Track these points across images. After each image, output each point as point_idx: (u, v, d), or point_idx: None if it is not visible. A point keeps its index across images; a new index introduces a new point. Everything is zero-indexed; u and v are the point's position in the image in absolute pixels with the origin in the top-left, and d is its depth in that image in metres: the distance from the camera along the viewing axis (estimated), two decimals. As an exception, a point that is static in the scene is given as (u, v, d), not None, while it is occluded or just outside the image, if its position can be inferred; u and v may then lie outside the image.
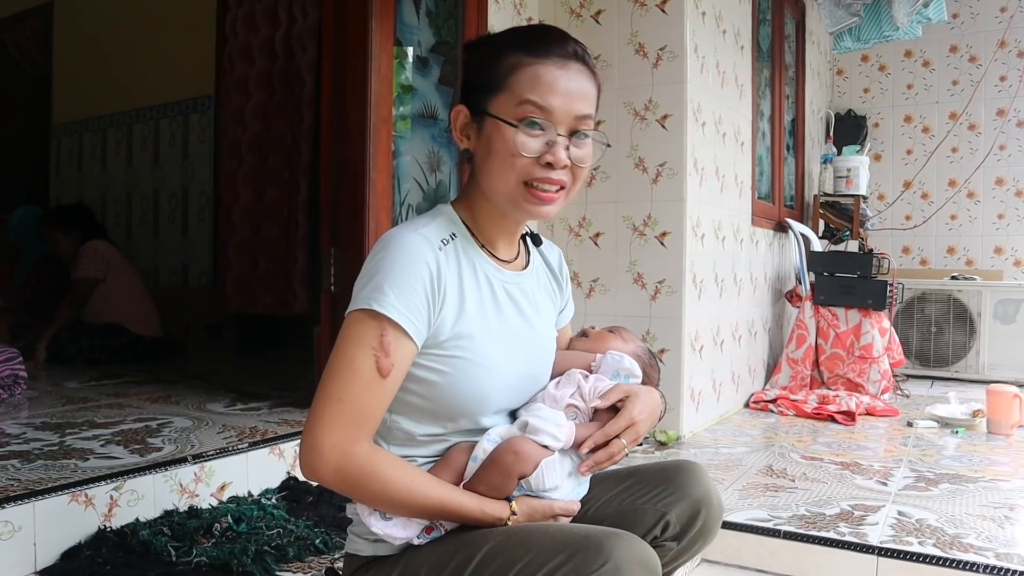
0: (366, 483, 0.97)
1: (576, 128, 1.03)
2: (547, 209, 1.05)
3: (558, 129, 1.02)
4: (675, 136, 2.77)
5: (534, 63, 1.02)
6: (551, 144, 1.02)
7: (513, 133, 1.01)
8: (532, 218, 1.08)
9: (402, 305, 0.97)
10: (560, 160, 1.02)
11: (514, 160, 1.02)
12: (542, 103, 1.01)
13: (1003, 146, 4.80)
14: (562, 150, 1.02)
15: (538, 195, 1.03)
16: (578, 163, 1.04)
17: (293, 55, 4.23)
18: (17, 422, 2.33)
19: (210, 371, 3.58)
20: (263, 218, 4.23)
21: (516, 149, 1.01)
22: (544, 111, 1.01)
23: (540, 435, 1.04)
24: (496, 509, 1.02)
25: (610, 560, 0.87)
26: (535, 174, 1.02)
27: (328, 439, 0.95)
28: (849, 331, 3.70)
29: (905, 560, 1.69)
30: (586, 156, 1.06)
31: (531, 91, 1.01)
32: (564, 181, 1.04)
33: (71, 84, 5.59)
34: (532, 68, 1.02)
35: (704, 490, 1.15)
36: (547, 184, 1.03)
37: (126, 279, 3.97)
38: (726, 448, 2.68)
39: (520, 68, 1.02)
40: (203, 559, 1.55)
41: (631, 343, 1.28)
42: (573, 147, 1.04)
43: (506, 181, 1.03)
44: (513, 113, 1.02)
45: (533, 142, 1.02)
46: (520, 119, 1.01)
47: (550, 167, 1.02)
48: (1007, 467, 2.48)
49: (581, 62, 1.05)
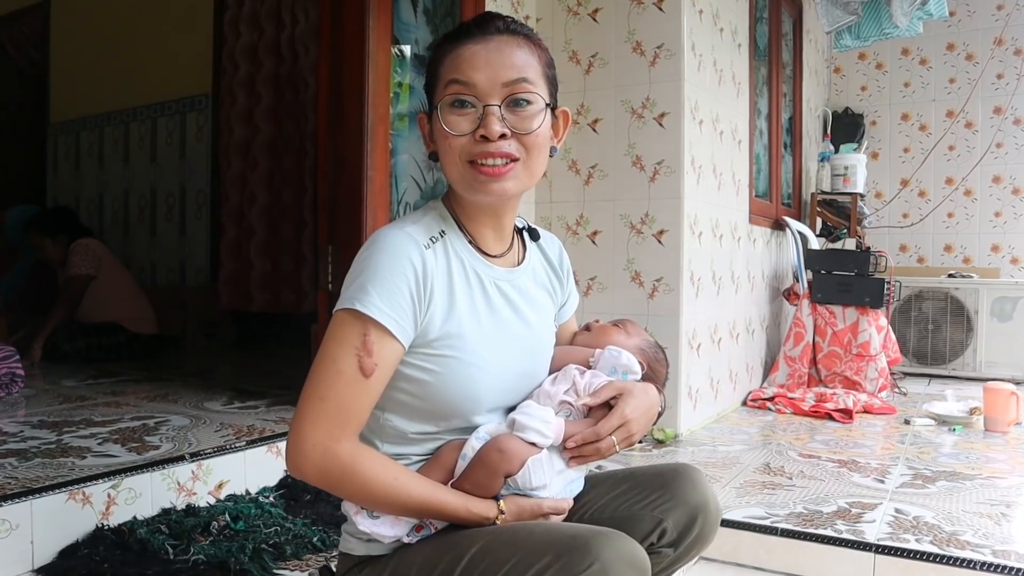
0: (348, 481, 0.97)
1: (510, 95, 1.01)
2: (499, 185, 1.02)
3: (487, 101, 1.01)
4: (672, 134, 2.77)
5: (455, 47, 1.03)
6: (482, 117, 1.01)
7: (444, 115, 1.02)
8: (490, 197, 1.05)
9: (385, 305, 0.97)
10: (493, 131, 1.00)
11: (450, 143, 1.02)
12: (463, 78, 1.01)
13: (1000, 144, 4.81)
14: (495, 121, 1.00)
15: (483, 171, 1.02)
16: (520, 131, 1.02)
17: (297, 56, 4.24)
18: (14, 420, 2.33)
19: (207, 369, 3.58)
20: (273, 217, 4.27)
21: (447, 130, 1.01)
22: (467, 86, 1.01)
23: (527, 432, 1.03)
24: (482, 508, 1.01)
25: (597, 561, 0.87)
26: (473, 151, 1.01)
27: (311, 437, 0.96)
28: (846, 329, 3.71)
29: (902, 557, 1.69)
30: (528, 123, 1.03)
31: (453, 71, 1.02)
32: (511, 152, 1.02)
33: (68, 82, 5.58)
34: (453, 51, 1.03)
35: (702, 496, 1.13)
36: (488, 158, 1.01)
37: (118, 277, 3.96)
38: (724, 446, 2.69)
39: (444, 55, 1.04)
40: (200, 557, 1.55)
41: (636, 337, 1.25)
42: (510, 115, 1.02)
43: (452, 166, 1.03)
44: (443, 95, 1.02)
45: (462, 120, 1.01)
46: (450, 98, 1.01)
47: (486, 140, 1.00)
48: (1004, 464, 2.48)
49: (508, 33, 1.04)
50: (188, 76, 4.85)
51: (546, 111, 1.05)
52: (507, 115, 1.01)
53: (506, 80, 1.01)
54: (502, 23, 1.04)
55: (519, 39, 1.04)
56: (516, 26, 1.05)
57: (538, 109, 1.04)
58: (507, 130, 1.01)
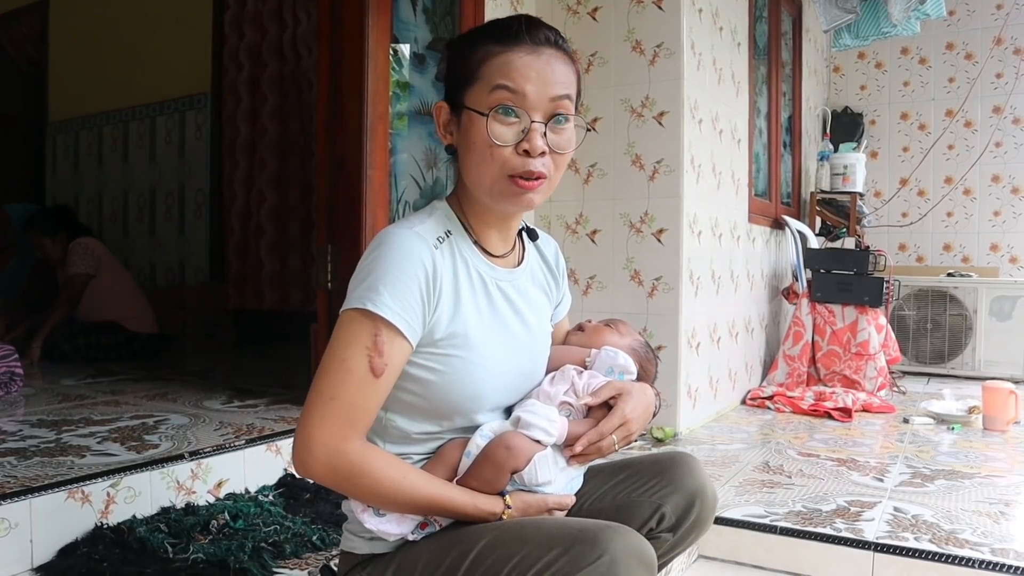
0: (357, 480, 0.97)
1: (553, 112, 1.02)
2: (529, 198, 1.03)
3: (533, 115, 1.00)
4: (672, 133, 2.77)
5: (504, 51, 1.01)
6: (526, 131, 1.00)
7: (487, 122, 1.00)
8: (516, 209, 1.06)
9: (396, 304, 0.97)
10: (536, 147, 1.00)
11: (491, 151, 1.00)
12: (514, 87, 0.99)
13: (999, 143, 4.81)
14: (538, 137, 1.00)
15: (520, 184, 1.01)
16: (557, 149, 1.02)
17: (300, 56, 4.24)
18: (13, 419, 2.33)
19: (207, 368, 3.58)
20: (280, 217, 4.29)
21: (491, 139, 1.00)
22: (516, 95, 1.00)
23: (532, 430, 1.04)
24: (489, 504, 1.02)
25: (606, 553, 0.88)
26: (514, 163, 1.01)
27: (320, 437, 0.95)
28: (846, 328, 3.71)
29: (901, 556, 1.70)
30: (566, 142, 1.04)
31: (502, 76, 1.00)
32: (544, 171, 1.02)
33: (67, 81, 5.58)
34: (503, 56, 1.01)
35: (698, 481, 1.15)
36: (528, 174, 1.01)
37: (117, 275, 3.96)
38: (723, 445, 2.69)
39: (491, 57, 1.02)
40: (200, 556, 1.55)
41: (628, 337, 1.27)
42: (551, 133, 1.02)
43: (487, 174, 1.02)
44: (487, 102, 1.01)
45: (507, 131, 1.00)
46: (493, 106, 1.00)
47: (527, 155, 1.00)
48: (1003, 463, 2.48)
49: (554, 47, 1.03)
50: (187, 75, 4.84)
51: (577, 130, 1.06)
52: (548, 132, 1.02)
53: (554, 95, 1.01)
54: (552, 34, 1.04)
55: (564, 55, 1.04)
56: (561, 40, 1.05)
57: (573, 128, 1.05)
58: (546, 147, 1.01)
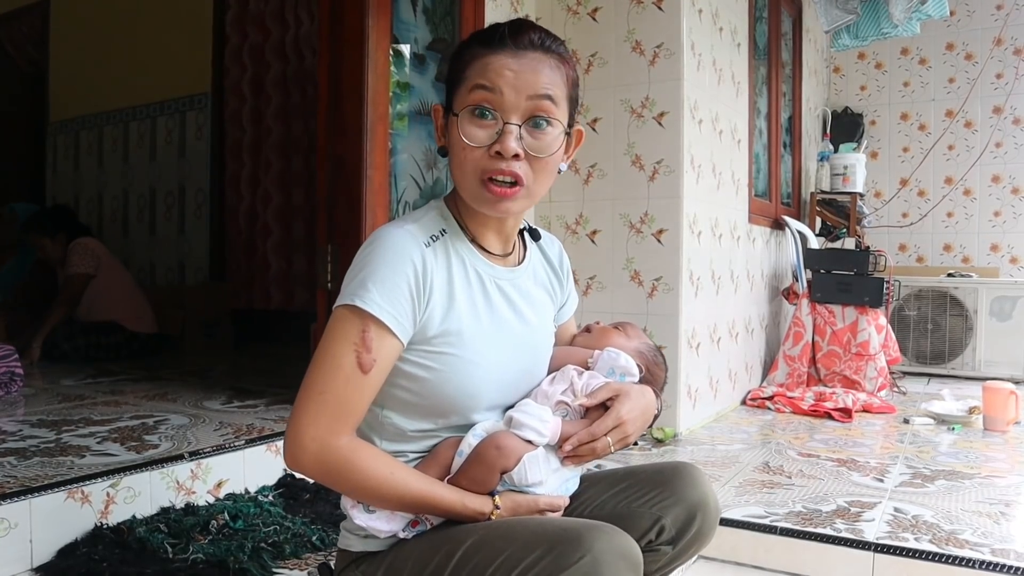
0: (345, 475, 0.98)
1: (532, 113, 1.01)
2: (505, 205, 1.02)
3: (508, 117, 1.00)
4: (672, 133, 2.77)
5: (487, 53, 1.02)
6: (500, 133, 1.00)
7: (460, 122, 1.00)
8: (494, 214, 1.05)
9: (385, 302, 0.97)
10: (508, 149, 0.99)
11: (465, 153, 1.01)
12: (490, 85, 0.99)
13: (999, 143, 4.81)
14: (512, 139, 0.99)
15: (492, 189, 1.01)
16: (534, 153, 1.01)
17: (303, 57, 4.24)
18: (13, 419, 2.33)
19: (207, 368, 3.58)
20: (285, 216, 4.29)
21: (464, 140, 1.00)
22: (493, 94, 0.99)
23: (523, 430, 1.04)
24: (478, 503, 1.02)
25: (588, 553, 0.87)
26: (487, 166, 1.00)
27: (309, 432, 0.97)
28: (846, 328, 3.71)
29: (901, 556, 1.69)
30: (545, 146, 1.02)
31: (480, 76, 1.00)
32: (520, 174, 1.00)
33: (67, 81, 5.58)
34: (484, 57, 1.01)
35: (701, 494, 1.12)
36: (499, 175, 1.00)
37: (117, 275, 3.96)
38: (723, 445, 2.69)
39: (475, 59, 1.02)
40: (199, 556, 1.55)
41: (635, 340, 1.25)
42: (528, 136, 1.01)
43: (464, 175, 1.03)
44: (466, 101, 1.01)
45: (481, 132, 1.00)
46: (472, 106, 1.00)
47: (499, 157, 0.99)
48: (1003, 463, 2.48)
49: (540, 50, 1.02)
50: (187, 75, 4.84)
51: (562, 136, 1.04)
52: (525, 135, 1.01)
53: (532, 93, 1.00)
54: (537, 37, 1.03)
55: (553, 59, 1.03)
56: (550, 42, 1.04)
57: (555, 133, 1.03)
58: (521, 151, 1.00)
